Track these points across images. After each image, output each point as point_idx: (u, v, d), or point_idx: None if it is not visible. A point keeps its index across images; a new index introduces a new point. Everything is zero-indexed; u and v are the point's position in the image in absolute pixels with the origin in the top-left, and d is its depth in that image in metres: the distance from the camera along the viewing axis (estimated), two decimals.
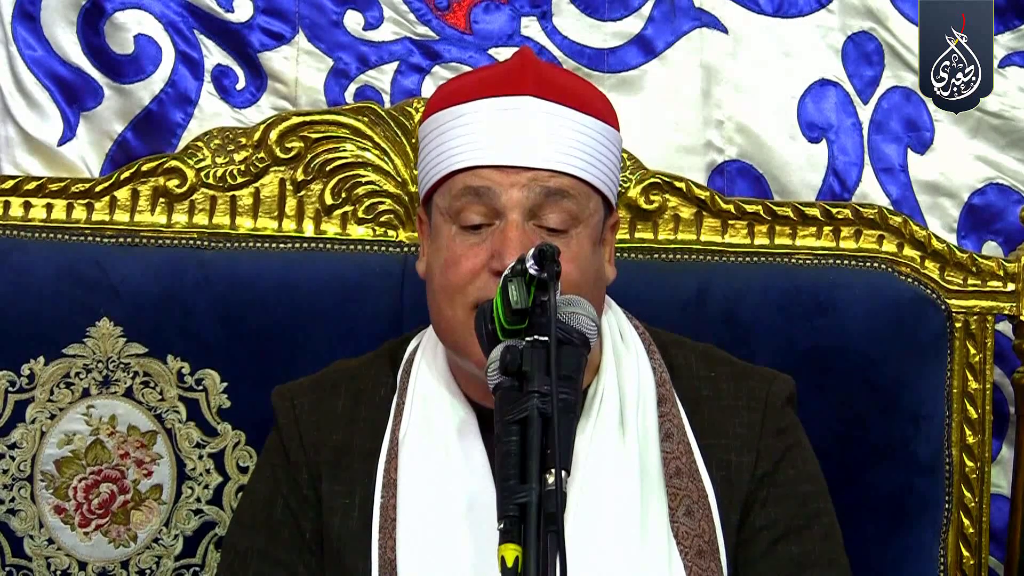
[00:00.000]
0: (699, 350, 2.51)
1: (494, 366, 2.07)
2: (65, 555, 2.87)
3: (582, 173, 2.32)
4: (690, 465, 2.37)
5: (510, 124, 2.31)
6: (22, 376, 2.86)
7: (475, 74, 2.50)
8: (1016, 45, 3.09)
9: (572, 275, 2.28)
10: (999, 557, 3.03)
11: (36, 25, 3.04)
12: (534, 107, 2.31)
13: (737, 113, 3.08)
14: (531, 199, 2.29)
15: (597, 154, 2.34)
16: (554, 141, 2.31)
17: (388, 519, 2.34)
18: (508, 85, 2.33)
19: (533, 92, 2.32)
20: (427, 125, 2.38)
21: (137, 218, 2.95)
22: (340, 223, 2.96)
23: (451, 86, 2.43)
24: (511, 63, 2.39)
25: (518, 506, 1.92)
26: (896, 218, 2.96)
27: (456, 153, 2.32)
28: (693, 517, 2.34)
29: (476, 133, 2.31)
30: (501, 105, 2.32)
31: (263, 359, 2.86)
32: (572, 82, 2.41)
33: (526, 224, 2.29)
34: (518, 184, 2.29)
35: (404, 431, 2.38)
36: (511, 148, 2.30)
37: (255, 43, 3.05)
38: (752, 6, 3.08)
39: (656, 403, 2.39)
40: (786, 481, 2.41)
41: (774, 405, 2.44)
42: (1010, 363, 3.02)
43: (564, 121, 2.32)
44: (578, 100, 2.35)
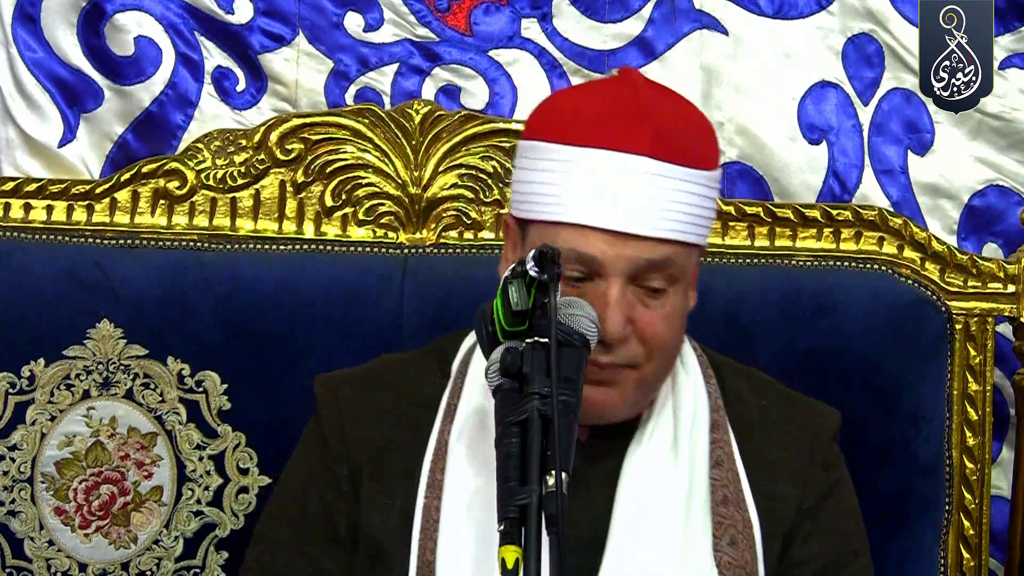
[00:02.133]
0: (750, 375, 2.50)
1: (494, 368, 2.07)
2: (65, 557, 2.87)
3: (688, 237, 2.28)
4: (737, 494, 2.36)
5: (622, 187, 2.24)
6: (22, 378, 2.86)
7: (587, 103, 2.34)
8: (1016, 47, 3.09)
9: (663, 334, 2.28)
10: (999, 559, 3.03)
11: (36, 27, 3.04)
12: (648, 169, 2.25)
13: (737, 115, 3.08)
14: (634, 269, 2.26)
15: (703, 209, 2.30)
16: (665, 208, 2.25)
17: (430, 520, 2.31)
18: (624, 137, 2.25)
19: (648, 151, 2.25)
20: (532, 149, 2.32)
21: (137, 220, 2.95)
22: (340, 225, 2.96)
23: (561, 113, 2.33)
24: (626, 103, 2.29)
25: (518, 508, 1.92)
26: (896, 220, 2.96)
27: (563, 203, 2.26)
28: (737, 547, 2.32)
29: (586, 189, 2.25)
30: (615, 163, 2.25)
31: (263, 361, 2.86)
32: (685, 127, 2.32)
33: (627, 288, 2.26)
34: (624, 255, 2.24)
35: (456, 433, 2.34)
36: (621, 214, 2.24)
37: (255, 45, 3.05)
38: (752, 8, 3.08)
39: (709, 428, 2.37)
40: (829, 517, 2.40)
41: (822, 438, 2.44)
42: (1010, 365, 3.02)
43: (676, 183, 2.26)
44: (690, 154, 2.28)
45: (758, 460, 2.40)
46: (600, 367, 2.25)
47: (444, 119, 2.95)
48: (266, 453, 2.86)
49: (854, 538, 2.42)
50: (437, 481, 2.33)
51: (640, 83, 2.33)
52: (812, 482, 2.40)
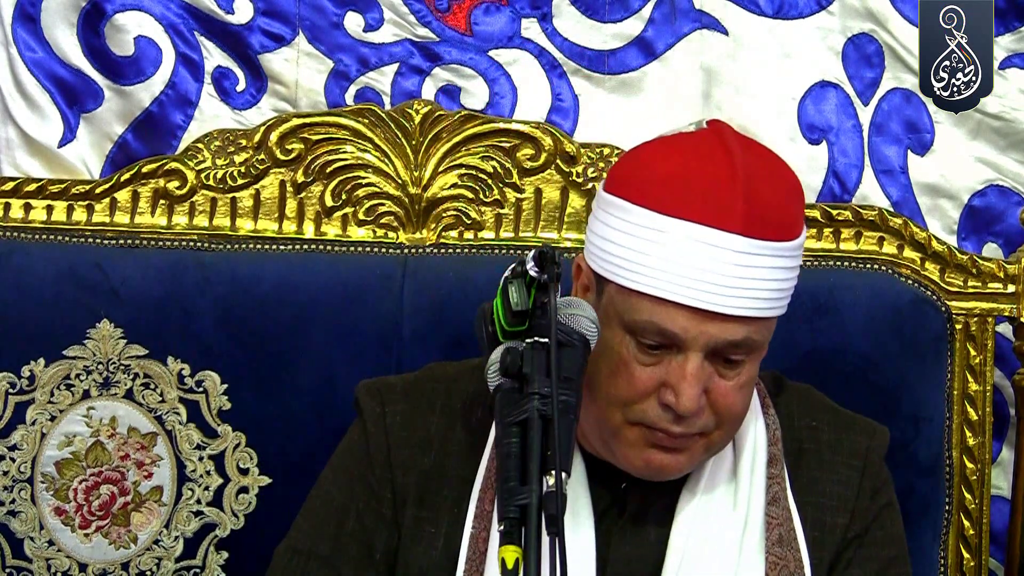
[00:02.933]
0: (801, 395, 2.47)
1: (494, 368, 2.07)
2: (65, 556, 2.87)
3: (771, 313, 2.25)
4: (790, 532, 2.33)
5: (711, 265, 2.18)
6: (22, 378, 2.86)
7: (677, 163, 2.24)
8: (1016, 47, 3.09)
9: (736, 405, 2.25)
10: (999, 559, 3.03)
11: (36, 27, 3.04)
12: (738, 246, 2.19)
13: (737, 115, 3.08)
14: (716, 346, 2.22)
15: (787, 282, 2.27)
16: (752, 287, 2.21)
17: (477, 552, 2.27)
18: (718, 213, 2.18)
19: (741, 230, 2.18)
20: (619, 208, 2.24)
21: (137, 220, 2.95)
22: (340, 225, 2.96)
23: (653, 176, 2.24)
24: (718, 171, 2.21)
25: (518, 508, 1.92)
26: (896, 220, 2.96)
27: (647, 274, 2.20)
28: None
29: (673, 262, 2.18)
30: (706, 238, 2.18)
31: (263, 361, 2.86)
32: (776, 193, 2.25)
33: (705, 362, 2.22)
34: (707, 333, 2.20)
35: None
36: (707, 293, 2.19)
37: (255, 45, 3.05)
38: (752, 8, 3.08)
39: (766, 464, 2.35)
40: (873, 542, 2.39)
41: (873, 462, 2.42)
42: (1010, 365, 3.02)
43: (765, 259, 2.21)
44: (781, 228, 2.23)
45: (809, 489, 2.38)
46: (671, 435, 2.23)
47: (444, 119, 2.95)
48: (266, 453, 2.86)
49: (896, 564, 2.41)
50: (486, 512, 2.29)
51: (733, 143, 2.25)
52: (859, 511, 2.38)
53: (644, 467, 2.26)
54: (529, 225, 2.97)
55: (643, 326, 2.21)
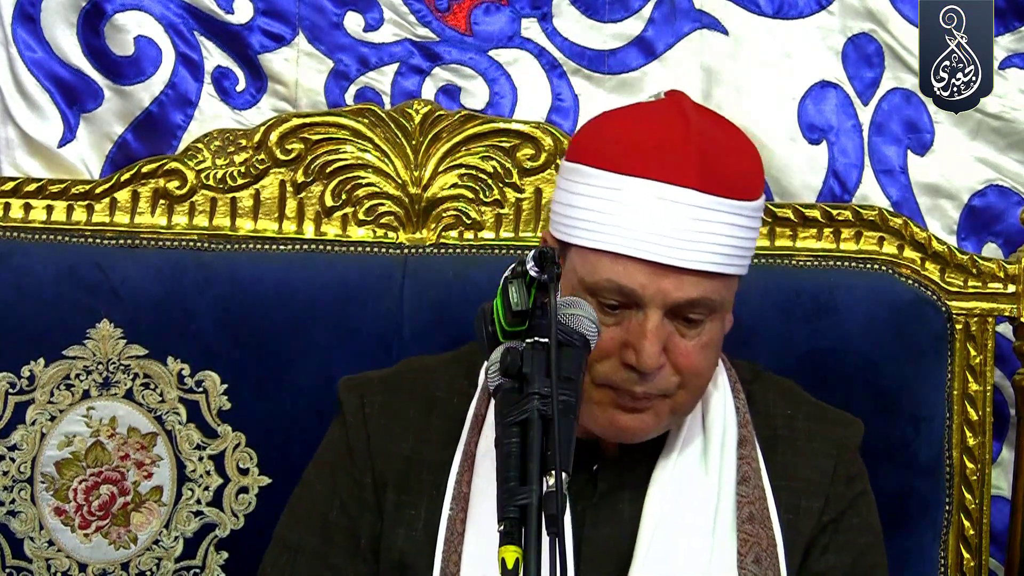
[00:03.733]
0: (778, 386, 2.49)
1: (494, 368, 2.07)
2: (65, 557, 2.87)
3: (729, 269, 2.27)
4: (762, 511, 2.35)
5: (667, 219, 2.22)
6: (22, 378, 2.86)
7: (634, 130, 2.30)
8: (1016, 47, 3.09)
9: (698, 364, 2.27)
10: (999, 559, 3.03)
11: (36, 27, 3.04)
12: (693, 201, 2.23)
13: (737, 115, 3.07)
14: (674, 303, 2.24)
15: (745, 240, 2.29)
16: (707, 241, 2.24)
17: (455, 533, 2.30)
18: (671, 169, 2.23)
19: (695, 183, 2.22)
20: (576, 172, 2.29)
21: (137, 220, 2.95)
22: (340, 225, 2.96)
23: (608, 138, 2.30)
24: (674, 131, 2.26)
25: (518, 508, 1.92)
26: (896, 220, 2.96)
27: (605, 231, 2.24)
28: (761, 565, 2.32)
29: (629, 219, 2.23)
30: (662, 193, 2.22)
31: (263, 361, 2.86)
32: (732, 157, 2.30)
33: (664, 320, 2.25)
34: (663, 289, 2.23)
35: (484, 447, 2.33)
36: (663, 246, 2.22)
37: (255, 45, 3.05)
38: (752, 8, 3.08)
39: (737, 444, 2.37)
40: (849, 529, 2.40)
41: (847, 451, 2.43)
42: (1010, 365, 3.02)
43: (721, 215, 2.24)
44: (737, 186, 2.27)
45: (783, 474, 2.40)
46: (635, 396, 2.25)
47: (444, 119, 2.95)
48: (266, 453, 2.86)
49: (872, 552, 2.42)
50: (463, 494, 2.32)
51: (689, 109, 2.30)
52: (834, 496, 2.40)
53: (609, 427, 2.29)
54: (529, 225, 2.97)
55: (603, 285, 2.24)
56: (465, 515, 2.30)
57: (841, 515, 2.40)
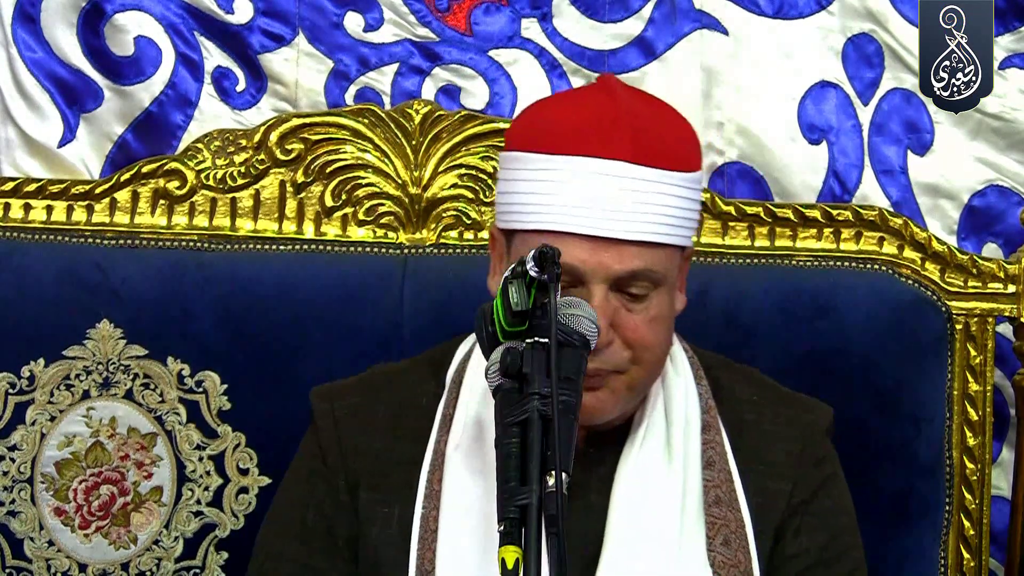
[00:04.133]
0: (743, 373, 2.50)
1: (494, 368, 2.07)
2: (65, 557, 2.87)
3: (667, 239, 2.29)
4: (730, 494, 2.36)
5: (601, 193, 2.25)
6: (22, 378, 2.86)
7: (566, 112, 2.35)
8: (1016, 47, 3.09)
9: (647, 338, 2.29)
10: (1000, 559, 3.03)
11: (36, 27, 3.04)
12: (626, 173, 2.26)
13: (737, 115, 3.08)
14: (615, 277, 2.27)
15: (682, 211, 2.31)
16: (643, 211, 2.26)
17: (428, 530, 2.31)
18: (601, 144, 2.27)
19: (627, 156, 2.26)
20: (513, 160, 2.33)
21: (137, 220, 2.95)
22: (340, 225, 2.96)
23: (541, 122, 2.35)
24: (604, 109, 2.30)
25: (518, 508, 1.93)
26: (896, 220, 2.96)
27: (542, 212, 2.27)
28: (730, 547, 2.33)
29: (564, 196, 2.26)
30: (593, 168, 2.26)
31: (263, 361, 2.86)
32: (664, 130, 2.34)
33: (608, 294, 2.27)
34: (604, 263, 2.25)
35: (454, 445, 2.35)
36: (600, 220, 2.25)
37: (255, 45, 3.05)
38: (752, 8, 3.08)
39: (700, 430, 2.38)
40: (821, 511, 2.40)
41: (814, 434, 2.44)
42: (1011, 365, 3.02)
43: (654, 186, 2.27)
44: (669, 157, 2.30)
45: (750, 458, 2.40)
46: (588, 374, 2.25)
47: (444, 119, 2.95)
48: (266, 453, 2.86)
49: (846, 533, 2.42)
50: (435, 491, 2.33)
51: (618, 89, 2.35)
52: (803, 478, 2.40)
53: None
54: None
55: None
56: (438, 512, 2.31)
57: (812, 497, 2.40)
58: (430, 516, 2.32)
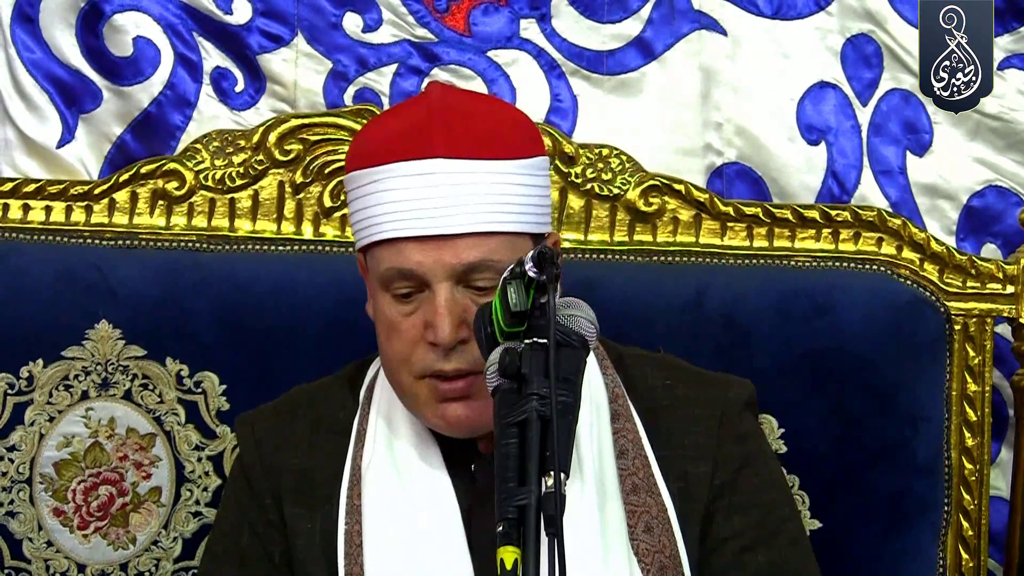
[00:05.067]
0: (656, 359, 2.49)
1: (493, 368, 2.07)
2: (64, 557, 2.86)
3: (503, 227, 2.29)
4: (647, 480, 2.35)
5: (422, 192, 2.27)
6: (21, 378, 2.86)
7: (387, 124, 2.40)
8: (1015, 47, 3.09)
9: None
10: (998, 560, 3.03)
11: (35, 27, 3.04)
12: (444, 169, 2.27)
13: (736, 115, 3.08)
14: (456, 272, 2.27)
15: (517, 198, 2.31)
16: (469, 203, 2.27)
17: (353, 545, 2.34)
18: (417, 146, 2.29)
19: (442, 152, 2.28)
20: (349, 181, 2.37)
21: (136, 220, 2.95)
22: (339, 225, 2.96)
23: (366, 139, 2.39)
24: (419, 114, 2.33)
25: (517, 508, 1.92)
26: (895, 220, 2.96)
27: (377, 223, 2.30)
28: (653, 533, 2.32)
29: (391, 202, 2.29)
30: (411, 170, 2.28)
31: (262, 361, 2.86)
32: (482, 123, 2.34)
33: (455, 290, 2.28)
34: (441, 260, 2.27)
35: (368, 460, 2.38)
36: (426, 219, 2.27)
37: (254, 45, 3.05)
38: (751, 8, 3.08)
39: (610, 420, 2.37)
40: (749, 489, 2.38)
41: (731, 412, 2.41)
42: (1009, 365, 3.02)
43: (477, 176, 2.28)
44: (490, 147, 2.30)
45: (667, 442, 2.39)
46: (447, 380, 2.28)
47: None
48: None
49: (778, 505, 2.40)
50: (355, 507, 2.36)
51: (435, 94, 2.36)
52: (724, 457, 2.38)
53: (443, 423, 2.32)
54: None
55: (388, 275, 2.30)
56: (360, 527, 2.34)
57: (737, 475, 2.38)
58: (353, 531, 2.34)
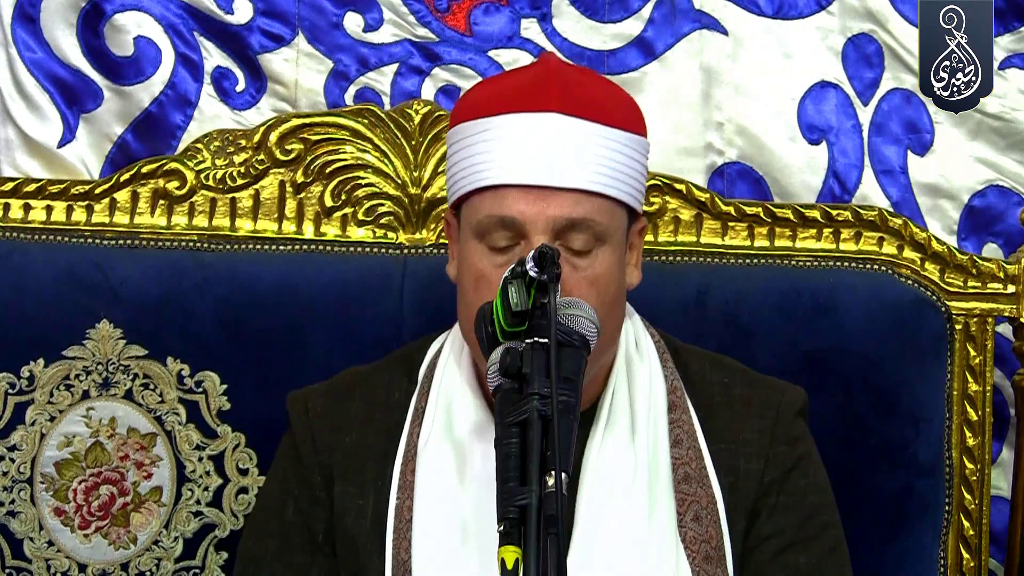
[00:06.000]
0: (713, 358, 2.52)
1: (494, 368, 2.07)
2: (65, 557, 2.86)
3: (607, 190, 2.31)
4: (700, 471, 2.37)
5: (534, 143, 2.29)
6: (22, 378, 2.86)
7: (500, 82, 2.47)
8: (1016, 47, 3.09)
9: (590, 296, 2.28)
10: (999, 559, 3.03)
11: (36, 27, 3.04)
12: (558, 124, 2.30)
13: (737, 115, 3.08)
14: (556, 226, 2.28)
15: (622, 167, 2.33)
16: (578, 160, 2.29)
17: (403, 520, 2.34)
18: (532, 100, 2.31)
19: (557, 108, 2.30)
20: (453, 134, 2.38)
21: (137, 220, 2.95)
22: (340, 225, 2.96)
23: (476, 95, 2.41)
24: (535, 73, 2.38)
25: (518, 508, 1.92)
26: (896, 220, 2.96)
27: (481, 170, 2.31)
28: (701, 523, 2.34)
29: (500, 151, 2.30)
30: (525, 122, 2.30)
31: (263, 361, 2.86)
32: (597, 91, 2.38)
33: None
34: (544, 213, 2.27)
35: (426, 435, 2.38)
36: (535, 168, 2.28)
37: (255, 45, 3.05)
38: (752, 8, 3.08)
39: (667, 410, 2.39)
40: (796, 490, 2.41)
41: (786, 414, 2.44)
42: (1010, 365, 3.02)
43: (588, 137, 2.30)
44: (603, 112, 2.33)
45: (721, 436, 2.41)
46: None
47: (444, 119, 2.95)
48: (266, 453, 2.86)
49: (822, 511, 2.43)
50: (408, 483, 2.36)
51: (551, 60, 2.41)
52: (775, 457, 2.41)
53: None
54: None
55: (486, 223, 2.30)
56: (412, 503, 2.34)
57: (786, 476, 2.41)
58: (404, 507, 2.34)
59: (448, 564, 2.29)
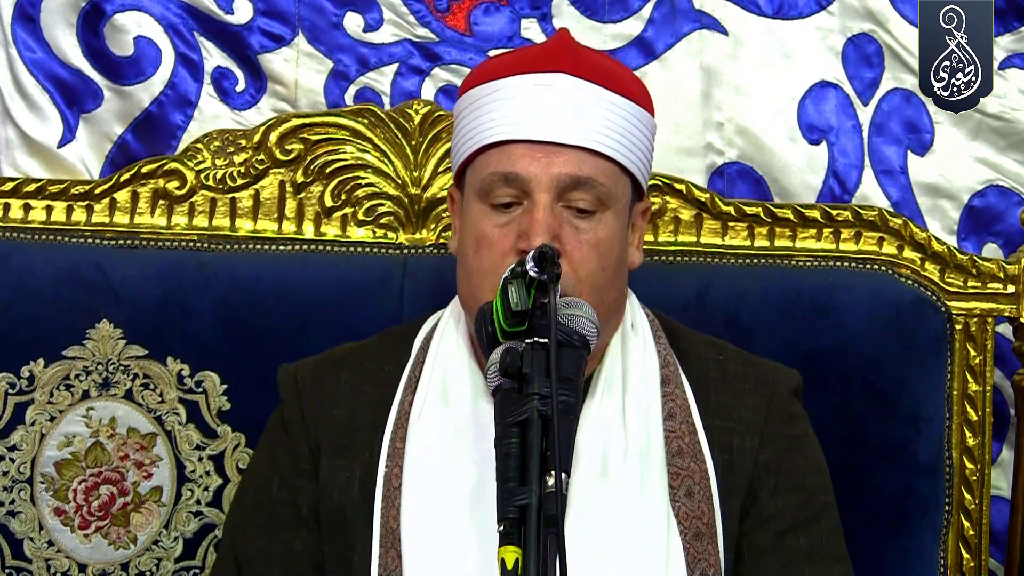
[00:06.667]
0: (707, 339, 2.53)
1: (494, 368, 2.07)
2: (65, 557, 2.86)
3: (612, 153, 2.32)
4: (693, 446, 2.37)
5: (542, 99, 2.31)
6: (22, 378, 2.86)
7: (512, 53, 2.53)
8: (1016, 47, 3.09)
9: (590, 262, 2.29)
10: (999, 559, 3.03)
11: (36, 27, 3.04)
12: (568, 84, 2.32)
13: (737, 115, 3.08)
14: (560, 183, 2.29)
15: (629, 135, 2.35)
16: (586, 119, 2.31)
17: (391, 488, 2.33)
18: (543, 62, 2.34)
19: (568, 70, 2.33)
20: (461, 102, 2.39)
21: (137, 220, 2.95)
22: (340, 225, 2.96)
23: (487, 65, 2.45)
24: (548, 42, 2.43)
25: (518, 508, 1.93)
26: (896, 220, 2.96)
27: (488, 127, 2.32)
28: (693, 499, 2.33)
29: (508, 108, 2.32)
30: (535, 81, 2.32)
31: (263, 361, 2.85)
32: (609, 63, 2.42)
33: (554, 205, 2.29)
34: (549, 170, 2.29)
35: (420, 404, 2.37)
36: (542, 124, 2.30)
37: (255, 45, 3.05)
38: (752, 8, 3.08)
39: (660, 383, 2.39)
40: (795, 471, 2.41)
41: (781, 393, 2.45)
42: (1010, 365, 3.02)
43: (597, 100, 2.32)
44: (613, 81, 2.35)
45: (716, 412, 2.41)
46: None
47: (444, 119, 2.95)
48: None
49: (821, 493, 2.43)
50: (398, 450, 2.35)
51: (568, 35, 2.42)
52: (771, 435, 2.41)
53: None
54: None
55: (489, 180, 2.30)
56: (400, 470, 2.33)
57: (784, 455, 2.40)
58: (393, 474, 2.34)
59: (438, 531, 2.27)
